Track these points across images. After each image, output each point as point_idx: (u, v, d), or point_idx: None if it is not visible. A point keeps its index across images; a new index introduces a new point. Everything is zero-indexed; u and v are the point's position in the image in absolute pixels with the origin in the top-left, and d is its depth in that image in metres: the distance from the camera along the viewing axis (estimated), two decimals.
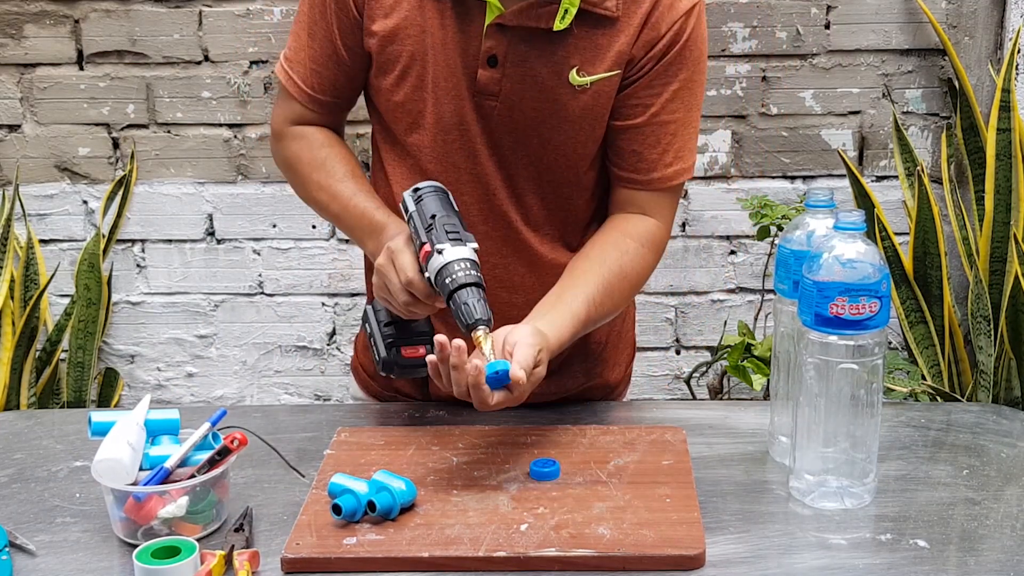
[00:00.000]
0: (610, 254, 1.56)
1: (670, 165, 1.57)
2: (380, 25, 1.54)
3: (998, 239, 2.46)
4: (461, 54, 1.52)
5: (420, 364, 1.53)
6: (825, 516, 1.39)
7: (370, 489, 1.35)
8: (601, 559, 1.28)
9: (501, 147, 1.56)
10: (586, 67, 1.51)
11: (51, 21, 2.62)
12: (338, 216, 1.62)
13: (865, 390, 1.37)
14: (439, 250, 1.42)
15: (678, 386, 2.81)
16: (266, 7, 2.61)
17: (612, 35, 1.51)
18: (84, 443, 1.49)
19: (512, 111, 1.53)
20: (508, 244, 1.61)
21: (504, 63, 1.51)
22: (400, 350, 1.54)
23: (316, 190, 1.63)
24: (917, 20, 2.57)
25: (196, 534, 1.33)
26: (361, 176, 1.63)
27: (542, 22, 1.49)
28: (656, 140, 1.56)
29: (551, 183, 1.59)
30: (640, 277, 1.59)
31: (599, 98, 1.53)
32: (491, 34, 1.50)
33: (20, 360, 2.58)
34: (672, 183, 1.59)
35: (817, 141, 2.65)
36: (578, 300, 1.50)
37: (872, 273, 1.33)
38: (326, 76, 1.61)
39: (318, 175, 1.62)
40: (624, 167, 1.59)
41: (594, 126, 1.55)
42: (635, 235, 1.58)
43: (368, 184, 1.63)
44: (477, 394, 1.36)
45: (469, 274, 1.42)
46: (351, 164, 1.64)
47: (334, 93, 1.63)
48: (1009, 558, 1.30)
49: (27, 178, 2.70)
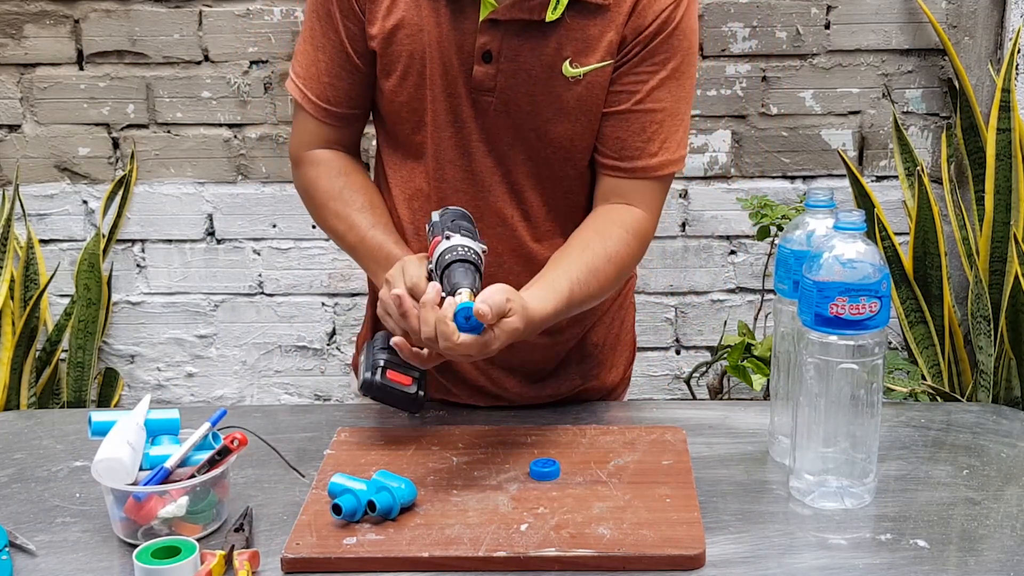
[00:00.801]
0: (593, 239, 1.54)
1: (655, 155, 1.55)
2: (379, 27, 1.54)
3: (998, 239, 2.46)
4: (457, 51, 1.52)
5: (401, 394, 1.50)
6: (825, 516, 1.39)
7: (370, 489, 1.35)
8: (601, 559, 1.28)
9: (499, 143, 1.56)
10: (579, 58, 1.51)
11: (51, 21, 2.62)
12: (354, 247, 1.60)
13: (865, 390, 1.37)
14: (447, 236, 1.43)
15: (678, 386, 2.81)
16: (266, 7, 2.61)
17: (603, 24, 1.51)
18: (84, 443, 1.49)
19: (508, 106, 1.53)
20: (504, 242, 1.60)
21: (498, 58, 1.51)
22: (386, 372, 1.50)
23: (333, 219, 1.60)
24: (917, 20, 2.57)
25: (196, 534, 1.33)
26: (380, 207, 1.62)
27: (535, 14, 1.49)
28: (640, 128, 1.55)
29: (550, 178, 1.59)
30: (625, 261, 1.56)
31: (593, 89, 1.53)
32: (485, 30, 1.50)
33: (20, 360, 2.58)
34: (657, 173, 1.57)
35: (817, 141, 2.65)
36: (560, 279, 1.48)
37: (872, 273, 1.33)
38: (341, 88, 1.59)
39: (335, 204, 1.60)
40: (607, 154, 1.57)
41: (590, 118, 1.55)
42: (619, 222, 1.56)
43: (387, 216, 1.62)
44: (442, 328, 1.33)
45: (469, 252, 1.41)
46: (369, 194, 1.62)
47: (350, 104, 1.61)
48: (1009, 558, 1.30)
49: (27, 178, 2.70)
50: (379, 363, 1.50)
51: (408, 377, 1.50)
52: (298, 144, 1.64)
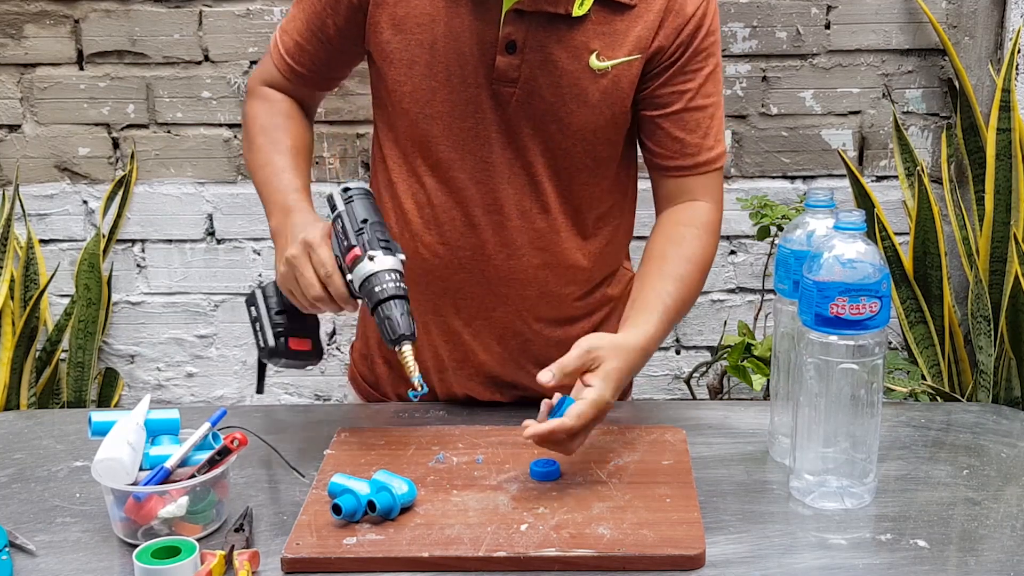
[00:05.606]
0: (668, 248, 1.58)
1: (712, 148, 1.60)
2: (390, 13, 1.54)
3: (998, 239, 2.46)
4: (477, 42, 1.52)
5: (305, 356, 1.56)
6: (825, 516, 1.39)
7: (370, 489, 1.35)
8: (601, 559, 1.28)
9: (518, 134, 1.56)
10: (606, 52, 1.52)
11: (51, 21, 2.62)
12: (261, 183, 1.62)
13: (865, 390, 1.37)
14: (370, 256, 1.42)
15: (678, 386, 2.81)
16: (266, 7, 2.61)
17: (630, 21, 1.52)
18: (84, 443, 1.49)
19: (531, 97, 1.54)
20: (523, 234, 1.60)
21: (523, 49, 1.51)
22: (288, 340, 1.54)
23: (255, 151, 1.64)
24: (917, 20, 2.57)
25: (196, 534, 1.33)
26: (303, 155, 1.65)
27: (560, 7, 1.50)
28: (696, 124, 1.58)
29: (568, 169, 1.59)
30: (704, 258, 1.60)
31: (619, 82, 1.54)
32: (509, 20, 1.50)
33: (20, 360, 2.58)
34: (718, 164, 1.61)
35: (817, 141, 2.65)
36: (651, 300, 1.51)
37: (872, 273, 1.33)
38: (307, 51, 1.64)
39: (262, 138, 1.64)
40: (669, 156, 1.60)
41: (613, 110, 1.56)
42: (687, 222, 1.60)
43: (306, 164, 1.64)
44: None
45: (399, 286, 1.42)
46: (299, 141, 1.65)
47: (312, 68, 1.65)
48: (1009, 558, 1.30)
49: (27, 178, 2.70)
50: (279, 331, 1.54)
51: (307, 340, 1.55)
52: (258, 78, 1.70)
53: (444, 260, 1.62)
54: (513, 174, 1.58)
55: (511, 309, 1.65)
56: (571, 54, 1.52)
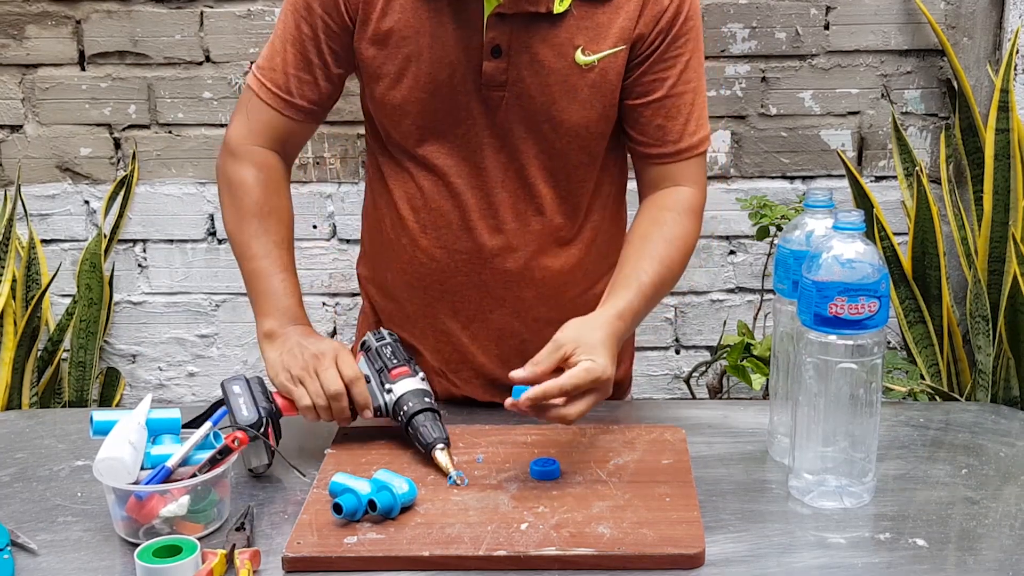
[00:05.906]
0: (650, 230, 1.59)
1: (695, 133, 1.61)
2: (373, 28, 1.54)
3: (996, 239, 2.46)
4: (463, 49, 1.52)
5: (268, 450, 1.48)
6: (824, 515, 1.39)
7: (371, 488, 1.35)
8: (601, 558, 1.28)
9: (511, 138, 1.57)
10: (590, 46, 1.53)
11: (53, 22, 2.63)
12: (255, 272, 1.60)
13: (864, 389, 1.37)
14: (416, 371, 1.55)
15: (678, 386, 2.81)
16: (267, 7, 2.61)
17: (611, 12, 1.53)
18: (86, 442, 1.50)
19: (521, 98, 1.54)
20: (518, 237, 1.61)
21: (509, 52, 1.52)
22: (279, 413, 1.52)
23: (250, 234, 1.61)
24: (916, 21, 2.58)
25: (197, 533, 1.34)
26: (291, 245, 1.65)
27: (541, 6, 1.50)
28: (678, 111, 1.59)
29: (563, 168, 1.60)
30: (686, 240, 1.61)
31: (606, 74, 1.54)
32: (492, 25, 1.50)
33: (22, 360, 2.59)
34: (700, 150, 1.62)
35: (816, 141, 2.66)
36: (628, 276, 1.53)
37: (871, 273, 1.33)
38: (306, 81, 1.60)
39: (260, 224, 1.61)
40: (651, 144, 1.60)
41: (603, 103, 1.56)
42: (670, 206, 1.61)
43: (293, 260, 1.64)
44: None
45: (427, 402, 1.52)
46: (289, 231, 1.65)
47: (311, 99, 1.61)
48: (1008, 557, 1.30)
49: (29, 178, 2.71)
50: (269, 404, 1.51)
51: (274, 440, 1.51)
52: (244, 132, 1.63)
53: (441, 264, 1.63)
54: (507, 178, 1.59)
55: (508, 311, 1.65)
56: (557, 52, 1.52)
